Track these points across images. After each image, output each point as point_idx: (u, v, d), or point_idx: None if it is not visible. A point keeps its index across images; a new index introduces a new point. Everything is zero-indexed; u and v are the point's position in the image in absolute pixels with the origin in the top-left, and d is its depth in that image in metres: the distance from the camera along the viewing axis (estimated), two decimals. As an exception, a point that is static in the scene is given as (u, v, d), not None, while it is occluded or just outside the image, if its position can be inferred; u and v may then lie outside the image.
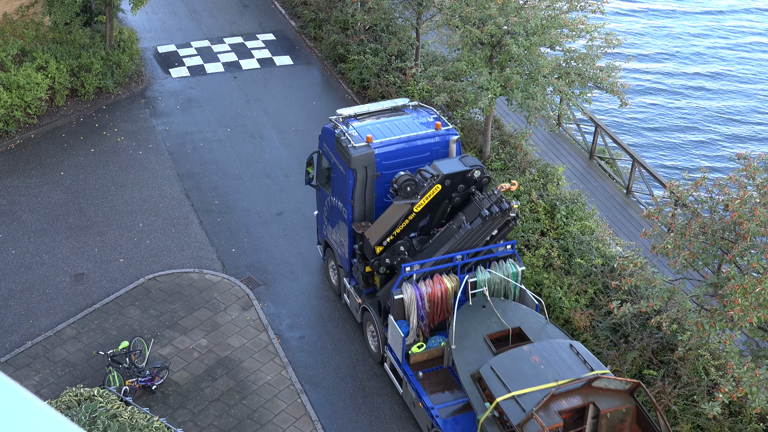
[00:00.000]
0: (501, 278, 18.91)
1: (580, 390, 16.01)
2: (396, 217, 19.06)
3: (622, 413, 15.93)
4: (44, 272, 22.63)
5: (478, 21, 22.57)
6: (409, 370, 18.74)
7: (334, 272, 22.30)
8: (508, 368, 16.34)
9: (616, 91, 22.37)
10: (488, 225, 18.66)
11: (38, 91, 27.24)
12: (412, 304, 18.64)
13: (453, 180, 18.75)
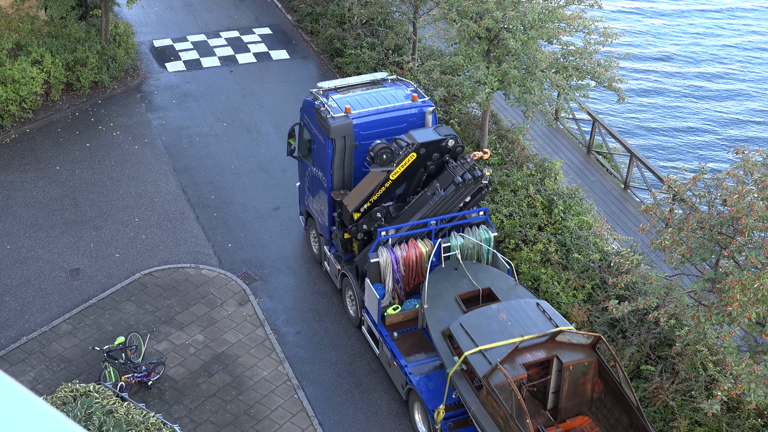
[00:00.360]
0: (474, 243, 19.78)
1: (544, 344, 16.80)
2: (373, 184, 19.93)
3: (585, 366, 16.71)
4: (39, 267, 22.62)
5: (475, 15, 22.55)
6: (384, 331, 19.63)
7: (315, 241, 23.09)
8: (476, 325, 17.15)
9: (613, 86, 22.36)
10: (461, 191, 19.61)
11: (33, 85, 27.19)
12: (388, 268, 19.58)
13: (428, 149, 19.65)
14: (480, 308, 17.81)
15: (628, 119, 35.28)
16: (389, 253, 19.55)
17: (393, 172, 19.71)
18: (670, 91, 37.20)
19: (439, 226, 19.75)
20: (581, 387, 16.99)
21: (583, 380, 16.87)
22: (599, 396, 17.14)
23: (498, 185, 24.04)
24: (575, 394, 17.00)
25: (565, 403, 17.06)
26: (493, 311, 17.51)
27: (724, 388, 16.02)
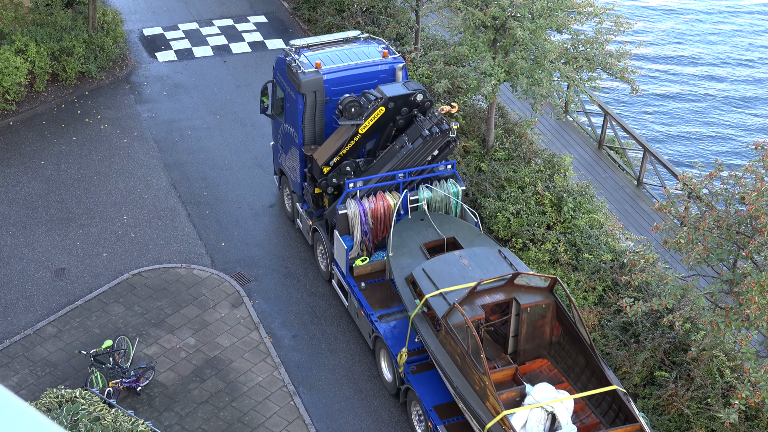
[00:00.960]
0: (442, 196, 21.12)
1: (503, 288, 17.90)
2: (342, 138, 21.21)
3: (542, 308, 17.76)
4: (23, 267, 22.58)
5: (480, 3, 22.49)
6: (352, 282, 20.85)
7: (288, 199, 24.39)
8: (438, 270, 18.35)
9: (626, 77, 22.31)
10: (429, 144, 20.90)
11: (17, 75, 27.13)
12: (356, 219, 20.87)
13: (396, 103, 20.94)
14: (443, 255, 18.92)
15: (639, 112, 35.24)
16: (357, 205, 20.77)
17: (362, 126, 20.95)
18: (683, 82, 37.15)
19: (407, 179, 20.98)
20: (540, 330, 17.96)
21: (541, 323, 17.88)
22: (558, 339, 18.09)
23: (505, 182, 24.01)
24: (534, 336, 17.96)
25: (524, 345, 18.03)
26: (455, 257, 18.71)
27: (741, 396, 15.99)
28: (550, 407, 16.18)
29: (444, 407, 18.05)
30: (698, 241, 16.95)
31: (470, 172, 24.64)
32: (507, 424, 15.69)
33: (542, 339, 18.09)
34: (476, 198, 24.26)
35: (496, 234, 23.50)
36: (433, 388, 18.41)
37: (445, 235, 20.09)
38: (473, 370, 16.43)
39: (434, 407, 18.07)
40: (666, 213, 18.24)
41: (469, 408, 16.59)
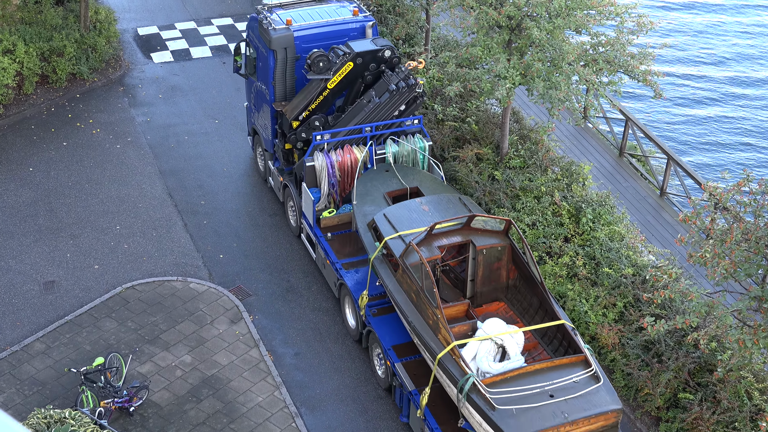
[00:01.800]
0: (409, 150, 23.00)
1: (460, 230, 19.58)
2: (311, 93, 22.91)
3: (498, 251, 19.36)
4: (10, 279, 22.68)
5: (495, 1, 22.56)
6: (319, 233, 22.62)
7: (261, 158, 26.15)
8: (399, 215, 20.12)
9: (649, 80, 22.34)
10: (396, 99, 22.66)
11: (4, 77, 27.28)
12: (323, 172, 22.57)
13: (364, 58, 22.72)
14: (404, 201, 20.82)
15: (665, 119, 35.26)
16: (325, 157, 22.56)
17: (330, 81, 22.67)
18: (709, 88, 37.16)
19: (374, 133, 22.84)
20: (496, 273, 19.56)
21: (497, 265, 19.51)
22: (514, 283, 19.71)
23: (520, 191, 24.05)
24: (490, 279, 19.58)
25: (480, 288, 19.61)
26: (416, 204, 20.54)
27: (771, 419, 15.98)
28: (500, 340, 17.55)
29: (402, 347, 19.76)
30: (725, 254, 16.96)
31: (483, 180, 24.68)
32: (457, 354, 17.05)
33: (499, 282, 19.69)
34: (489, 208, 24.29)
35: (510, 246, 23.52)
36: (392, 329, 20.13)
37: (409, 185, 22.01)
38: (427, 305, 17.92)
39: (392, 346, 19.81)
40: (691, 225, 18.23)
41: (422, 341, 18.02)
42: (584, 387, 16.72)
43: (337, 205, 23.12)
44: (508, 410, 16.22)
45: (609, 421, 16.64)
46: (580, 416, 16.28)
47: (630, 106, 33.98)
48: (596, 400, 16.60)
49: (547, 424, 16.13)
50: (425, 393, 18.00)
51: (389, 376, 19.90)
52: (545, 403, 16.36)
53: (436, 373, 17.79)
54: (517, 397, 16.42)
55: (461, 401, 16.90)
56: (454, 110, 26.65)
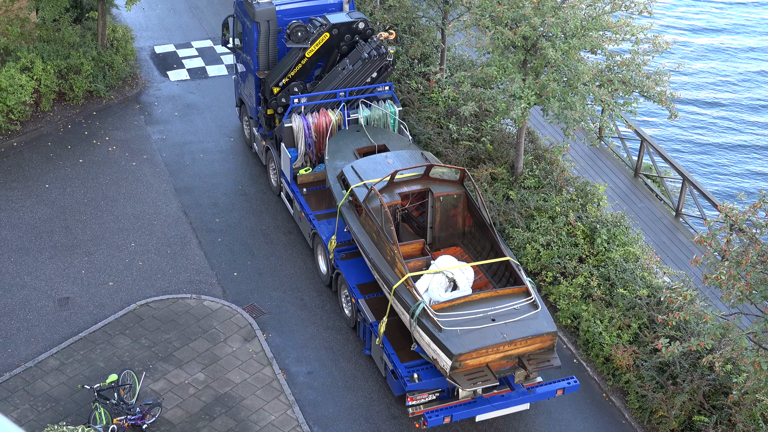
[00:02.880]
0: (380, 114, 24.96)
1: (419, 180, 21.65)
2: (291, 61, 25.05)
3: (454, 198, 21.40)
4: (25, 296, 22.73)
5: (510, 21, 22.58)
6: (296, 188, 24.57)
7: (246, 126, 28.20)
8: (365, 167, 22.14)
9: (664, 101, 22.30)
10: (368, 66, 24.79)
11: (22, 94, 27.43)
12: (300, 132, 24.59)
13: (340, 29, 24.81)
14: (371, 156, 22.85)
15: (678, 136, 35.18)
16: (302, 119, 24.56)
17: (308, 50, 24.76)
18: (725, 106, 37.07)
19: (347, 98, 24.90)
20: (452, 219, 21.62)
21: (453, 212, 21.55)
22: (470, 230, 21.72)
23: (535, 211, 24.01)
24: (447, 225, 21.64)
25: (438, 233, 21.67)
26: (381, 158, 22.60)
27: (787, 443, 15.85)
28: (451, 273, 19.68)
29: (365, 285, 21.63)
30: (740, 276, 16.87)
31: (498, 200, 24.66)
32: (410, 284, 19.12)
33: (455, 228, 21.74)
34: (504, 228, 24.26)
35: (524, 266, 23.48)
36: (357, 271, 22.02)
37: (377, 143, 24.04)
38: (385, 243, 20.00)
39: (357, 285, 21.68)
40: (706, 246, 18.17)
41: (381, 276, 20.17)
42: (523, 313, 18.70)
43: (313, 164, 25.09)
44: (453, 331, 18.18)
45: (545, 343, 18.61)
46: (518, 337, 18.29)
47: (646, 120, 33.92)
48: (533, 324, 18.55)
49: (488, 342, 18.12)
50: (383, 322, 19.95)
51: (354, 314, 21.80)
52: (487, 326, 18.36)
53: (392, 303, 19.81)
54: (462, 320, 18.41)
55: (413, 325, 18.85)
56: (469, 130, 26.66)
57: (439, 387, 19.44)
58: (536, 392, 19.64)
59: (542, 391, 19.68)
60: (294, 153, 24.70)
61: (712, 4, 44.54)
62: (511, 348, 18.30)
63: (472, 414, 19.36)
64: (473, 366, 18.23)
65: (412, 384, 19.20)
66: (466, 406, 19.31)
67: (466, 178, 21.65)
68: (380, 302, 20.93)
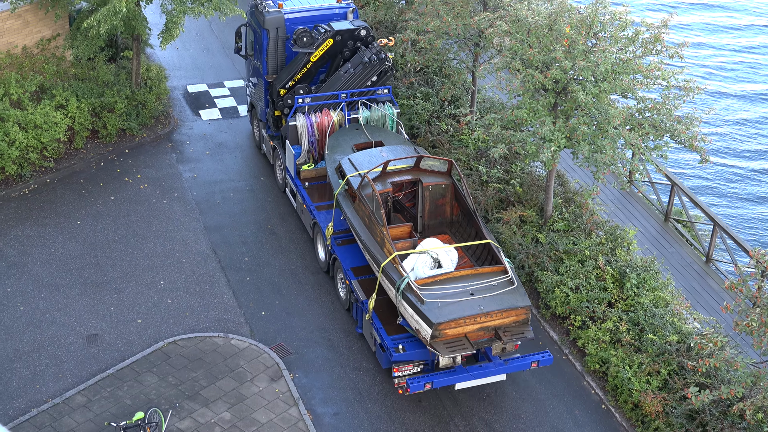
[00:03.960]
0: (379, 115, 26.68)
1: (410, 170, 23.37)
2: (297, 65, 26.83)
3: (442, 188, 23.09)
4: (54, 332, 22.83)
5: (541, 64, 22.61)
6: (299, 182, 26.27)
7: (257, 128, 30.15)
8: (361, 159, 23.82)
9: (695, 146, 22.20)
10: (368, 70, 26.56)
11: (56, 131, 27.72)
12: (304, 131, 26.29)
13: (343, 36, 26.50)
14: (367, 150, 24.52)
15: (709, 178, 34.99)
16: (305, 118, 26.30)
17: (313, 55, 26.44)
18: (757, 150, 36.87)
19: (348, 99, 26.64)
20: (441, 208, 23.29)
21: (441, 202, 23.20)
22: (458, 219, 23.25)
23: (564, 254, 23.90)
24: (436, 214, 23.32)
25: (427, 221, 23.34)
26: (376, 151, 24.23)
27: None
28: (435, 254, 21.12)
29: (358, 268, 23.16)
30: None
31: (527, 242, 24.57)
32: (397, 262, 20.69)
33: (444, 217, 23.40)
34: (532, 271, 24.15)
35: (553, 310, 23.34)
36: (351, 255, 23.62)
37: (374, 139, 25.52)
38: (376, 225, 21.60)
39: (351, 268, 23.23)
40: (737, 292, 18.01)
41: (371, 255, 21.75)
42: (500, 289, 20.25)
43: (315, 161, 26.68)
44: (434, 303, 19.75)
45: (520, 317, 20.14)
46: (493, 309, 19.86)
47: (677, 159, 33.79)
48: (509, 298, 20.10)
49: (466, 313, 19.67)
50: (372, 299, 21.57)
51: (348, 295, 23.41)
52: (466, 299, 19.93)
53: (380, 281, 21.34)
54: (443, 294, 19.97)
55: (398, 299, 20.41)
56: (499, 172, 26.65)
57: (422, 359, 20.93)
58: (512, 364, 21.02)
59: (517, 364, 21.03)
60: (298, 150, 26.43)
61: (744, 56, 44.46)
62: (487, 320, 19.87)
63: (452, 382, 20.72)
64: (452, 336, 19.79)
65: (397, 354, 20.66)
66: (446, 374, 20.75)
67: (454, 169, 23.33)
68: (371, 283, 22.35)
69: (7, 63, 28.84)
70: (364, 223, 22.37)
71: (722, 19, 47.34)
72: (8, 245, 25.43)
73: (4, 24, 28.69)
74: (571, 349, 22.95)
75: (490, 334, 20.12)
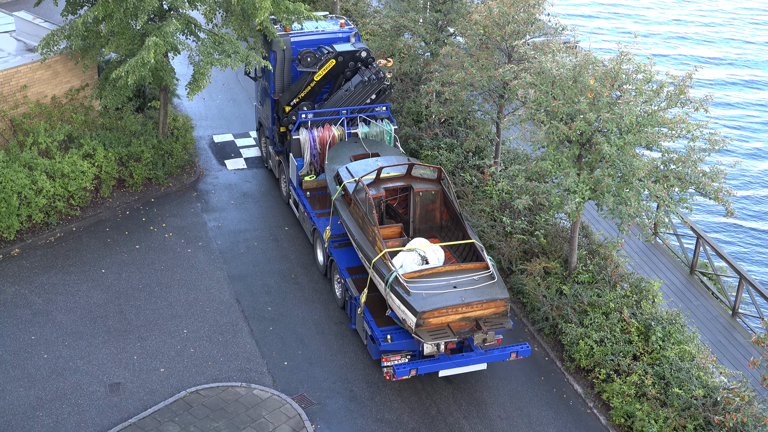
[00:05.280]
0: (377, 131, 28.59)
1: (403, 177, 25.13)
2: (301, 84, 28.63)
3: (432, 194, 24.80)
4: (77, 380, 22.79)
5: (565, 116, 22.62)
6: (300, 193, 28.08)
7: (264, 145, 32.02)
8: (357, 168, 25.56)
9: (720, 198, 22.06)
10: (367, 89, 28.37)
11: (83, 180, 27.92)
12: (306, 144, 28.11)
13: (345, 57, 28.32)
14: (363, 159, 26.35)
15: (737, 237, 34.74)
16: (308, 133, 28.11)
17: (317, 74, 28.21)
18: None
19: (349, 115, 28.52)
20: (431, 213, 24.95)
21: (431, 207, 24.90)
22: (447, 224, 24.88)
23: (588, 307, 23.71)
24: (426, 218, 24.97)
25: (418, 225, 25.00)
26: (372, 161, 25.99)
27: None
28: (423, 252, 22.78)
29: (353, 268, 24.78)
30: (800, 379, 16.45)
31: (551, 294, 24.41)
32: (387, 258, 22.24)
33: (434, 222, 25.04)
34: (557, 323, 23.95)
35: (577, 362, 23.12)
36: (347, 257, 25.24)
37: (371, 151, 27.29)
38: (368, 225, 23.20)
39: (346, 268, 24.87)
40: (764, 347, 17.77)
41: (363, 253, 23.30)
42: (481, 282, 21.76)
43: (317, 173, 28.40)
44: (419, 294, 21.26)
45: (499, 308, 21.57)
46: (474, 300, 21.29)
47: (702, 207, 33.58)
48: (489, 291, 21.57)
49: (448, 303, 21.13)
50: (364, 293, 23.17)
51: (343, 293, 24.95)
52: (449, 291, 21.45)
53: (371, 276, 22.85)
54: (428, 286, 21.51)
55: (387, 292, 21.85)
56: (523, 223, 26.56)
57: (410, 349, 22.30)
58: (492, 354, 22.35)
59: (497, 354, 22.36)
60: (300, 162, 28.25)
61: None
62: (468, 310, 21.31)
63: (435, 369, 22.09)
64: (436, 325, 21.22)
65: (386, 344, 22.11)
66: (430, 361, 22.10)
67: (443, 176, 24.84)
68: (364, 281, 23.74)
69: (37, 112, 29.15)
70: (358, 224, 23.99)
71: (742, 76, 47.49)
72: (33, 293, 25.51)
73: (34, 74, 29.05)
74: (596, 402, 22.68)
75: (472, 324, 21.49)
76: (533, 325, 24.99)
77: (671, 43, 51.77)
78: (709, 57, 50.09)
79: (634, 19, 55.20)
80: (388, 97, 29.34)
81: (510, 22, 26.70)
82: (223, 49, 27.88)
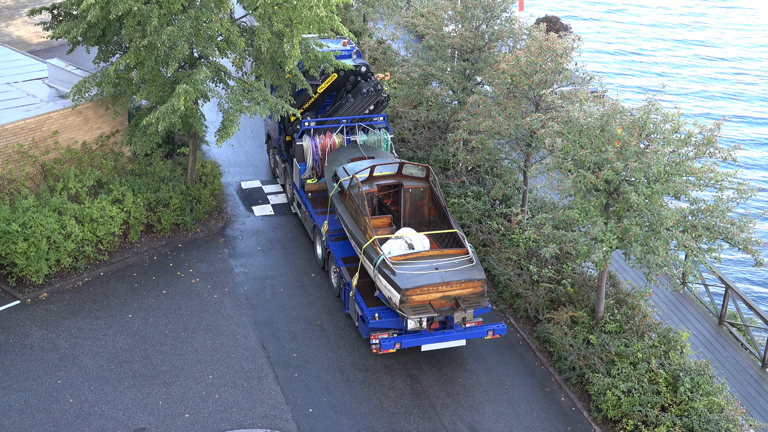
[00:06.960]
0: (375, 140, 30.94)
1: (394, 176, 27.45)
2: (306, 96, 30.90)
3: (420, 191, 27.02)
4: (102, 425, 22.76)
5: (593, 165, 22.59)
6: (303, 194, 30.43)
7: (272, 156, 34.40)
8: (353, 167, 27.79)
9: (749, 248, 21.91)
10: (366, 100, 30.93)
11: (112, 225, 28.08)
12: (309, 150, 30.46)
13: (346, 71, 30.75)
14: (359, 161, 28.66)
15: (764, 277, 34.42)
16: (311, 139, 30.50)
17: (320, 87, 30.76)
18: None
19: (348, 124, 30.95)
20: (420, 209, 27.16)
21: (420, 203, 27.10)
22: (435, 219, 27.04)
23: (615, 356, 23.51)
24: (416, 214, 27.18)
25: (408, 220, 27.10)
26: (367, 162, 28.33)
27: None
28: (409, 239, 24.90)
29: (347, 258, 26.84)
30: (832, 433, 16.18)
31: (578, 344, 24.23)
32: (376, 244, 24.47)
33: (422, 217, 27.23)
34: (584, 373, 23.75)
35: (604, 413, 22.86)
36: (342, 248, 27.40)
37: (368, 155, 29.44)
38: (360, 216, 25.36)
39: (341, 258, 26.99)
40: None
41: (356, 241, 25.46)
42: (460, 265, 23.86)
43: (318, 176, 30.62)
44: (404, 274, 23.47)
45: (476, 288, 23.65)
46: (453, 279, 23.42)
47: (731, 257, 33.31)
48: (467, 272, 23.66)
49: (430, 282, 23.28)
50: (355, 277, 25.30)
51: (339, 282, 27.00)
52: (430, 272, 23.66)
53: (362, 261, 25.07)
54: (412, 267, 23.74)
55: (375, 274, 24.04)
56: (550, 272, 26.45)
57: (396, 327, 24.30)
58: (471, 331, 24.47)
59: (475, 331, 24.51)
60: (303, 166, 30.56)
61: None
62: (448, 289, 23.38)
63: (418, 343, 24.24)
64: (418, 302, 23.28)
65: (374, 322, 24.17)
66: (413, 336, 24.19)
67: (431, 175, 27.01)
68: (356, 269, 25.71)
69: (67, 158, 29.44)
70: (352, 216, 26.16)
71: None
72: (60, 337, 25.59)
73: (65, 120, 29.38)
74: (624, 454, 22.40)
75: (452, 303, 23.47)
76: (560, 374, 24.78)
77: (699, 101, 51.77)
78: (736, 115, 50.01)
79: (669, 77, 55.16)
80: (384, 108, 31.94)
81: (537, 71, 26.81)
82: (252, 97, 28.12)
